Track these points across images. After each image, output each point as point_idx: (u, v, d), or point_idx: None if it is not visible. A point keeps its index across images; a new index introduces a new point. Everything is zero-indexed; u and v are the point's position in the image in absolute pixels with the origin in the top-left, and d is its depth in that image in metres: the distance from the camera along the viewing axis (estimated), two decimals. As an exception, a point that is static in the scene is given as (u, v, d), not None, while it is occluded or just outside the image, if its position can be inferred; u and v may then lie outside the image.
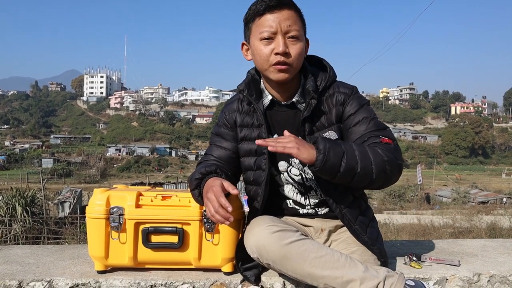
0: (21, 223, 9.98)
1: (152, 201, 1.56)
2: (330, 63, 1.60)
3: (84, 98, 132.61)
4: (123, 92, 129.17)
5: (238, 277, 1.57)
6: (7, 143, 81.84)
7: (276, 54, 1.43)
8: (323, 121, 1.54)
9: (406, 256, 1.77)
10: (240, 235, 1.60)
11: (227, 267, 1.59)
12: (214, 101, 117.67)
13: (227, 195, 1.42)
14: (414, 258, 1.74)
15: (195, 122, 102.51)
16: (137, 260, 1.56)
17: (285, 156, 1.58)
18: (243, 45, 1.57)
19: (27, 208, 10.30)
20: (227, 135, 1.63)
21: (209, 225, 1.55)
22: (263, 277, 1.57)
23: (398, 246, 2.04)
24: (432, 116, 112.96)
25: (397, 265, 1.73)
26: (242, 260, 1.53)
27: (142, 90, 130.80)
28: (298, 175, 1.60)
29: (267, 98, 1.57)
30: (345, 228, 1.61)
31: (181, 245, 1.54)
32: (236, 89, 1.61)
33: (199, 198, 1.47)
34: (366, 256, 1.47)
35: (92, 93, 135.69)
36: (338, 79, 1.60)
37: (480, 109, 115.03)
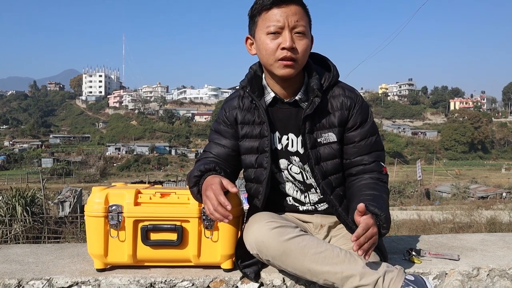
0: (21, 223, 9.98)
1: (150, 198, 1.56)
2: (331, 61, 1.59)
3: (83, 98, 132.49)
4: (122, 91, 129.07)
5: (237, 274, 1.57)
6: (6, 143, 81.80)
7: (283, 49, 1.41)
8: (324, 121, 1.53)
9: (405, 251, 1.77)
10: (239, 232, 1.60)
11: (227, 264, 1.59)
12: (213, 99, 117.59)
13: (226, 193, 1.42)
14: (413, 253, 1.74)
15: (194, 120, 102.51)
16: (137, 258, 1.56)
17: (286, 154, 1.58)
18: (247, 39, 1.54)
19: (27, 208, 10.29)
20: (226, 132, 1.62)
21: (208, 222, 1.54)
22: (263, 273, 1.57)
23: (398, 242, 2.04)
24: (431, 112, 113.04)
25: (397, 260, 1.73)
26: (242, 257, 1.53)
27: (141, 89, 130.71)
28: (299, 173, 1.59)
29: (270, 95, 1.55)
30: (344, 223, 1.61)
31: (180, 242, 1.54)
32: (239, 86, 1.60)
33: (198, 195, 1.47)
34: (365, 251, 1.47)
35: (91, 92, 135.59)
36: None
37: (479, 104, 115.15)
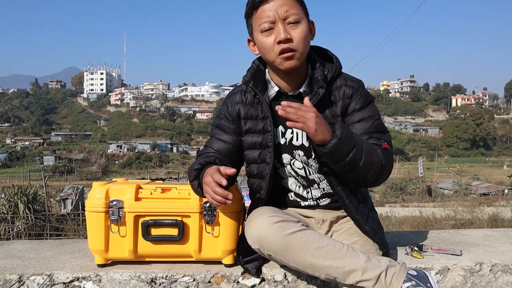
0: (23, 220, 9.99)
1: (151, 194, 1.56)
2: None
3: (85, 95, 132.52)
4: (123, 88, 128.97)
5: (239, 269, 1.56)
6: (8, 141, 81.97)
7: (279, 42, 1.41)
8: (327, 112, 1.52)
9: (407, 246, 1.76)
10: (240, 228, 1.60)
11: (228, 259, 1.58)
12: (215, 96, 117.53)
13: (226, 187, 1.41)
14: (415, 248, 1.73)
15: (195, 118, 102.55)
16: (137, 253, 1.55)
17: (289, 148, 1.57)
18: (249, 41, 1.55)
19: (29, 205, 10.30)
20: (228, 128, 1.61)
21: (209, 217, 1.54)
22: (264, 269, 1.56)
23: (400, 237, 2.03)
24: (433, 109, 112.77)
25: (399, 255, 1.72)
26: (243, 252, 1.52)
27: (142, 86, 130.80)
28: (301, 168, 1.58)
29: (273, 89, 1.55)
30: (346, 218, 1.61)
31: (181, 237, 1.53)
32: (242, 80, 1.59)
33: (198, 189, 1.46)
34: (367, 246, 1.46)
35: (92, 90, 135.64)
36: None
37: (481, 100, 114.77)
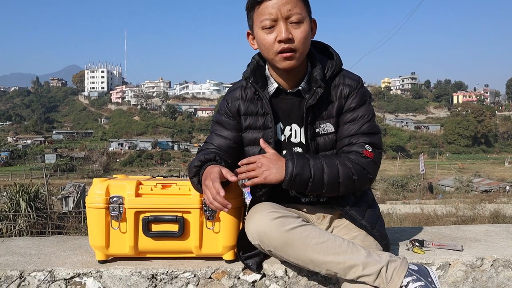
0: (25, 218, 10.01)
1: (152, 190, 1.55)
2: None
3: (86, 93, 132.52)
4: (124, 86, 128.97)
5: (239, 265, 1.56)
6: (9, 139, 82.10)
7: (280, 42, 1.39)
8: (324, 112, 1.51)
9: (408, 242, 1.76)
10: (241, 223, 1.60)
11: (229, 255, 1.58)
12: (216, 94, 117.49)
13: (227, 183, 1.41)
14: (416, 244, 1.73)
15: (196, 116, 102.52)
16: (138, 249, 1.55)
17: (289, 145, 1.56)
18: (248, 34, 1.53)
19: (31, 203, 10.31)
20: (228, 124, 1.60)
21: (209, 213, 1.54)
22: (265, 264, 1.56)
23: (401, 233, 2.03)
24: (434, 106, 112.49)
25: (400, 251, 1.72)
26: (244, 248, 1.52)
27: (143, 84, 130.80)
28: None
29: (273, 86, 1.54)
30: (346, 214, 1.60)
31: (182, 233, 1.53)
32: (242, 76, 1.58)
33: (198, 185, 1.46)
34: (368, 241, 1.46)
35: (93, 88, 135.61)
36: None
37: (482, 97, 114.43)
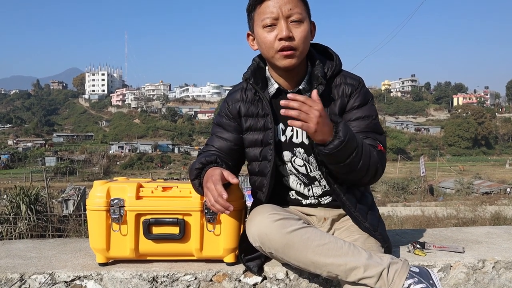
0: (25, 221, 10.00)
1: (152, 192, 1.55)
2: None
3: (86, 96, 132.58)
4: (124, 89, 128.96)
5: (240, 268, 1.56)
6: (10, 142, 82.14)
7: (280, 39, 1.40)
8: (326, 110, 1.51)
9: (409, 244, 1.76)
10: (242, 226, 1.59)
11: (230, 258, 1.58)
12: (216, 97, 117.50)
13: (228, 185, 1.41)
14: (418, 246, 1.72)
15: (197, 118, 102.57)
16: (139, 252, 1.55)
17: (290, 145, 1.56)
18: (248, 35, 1.54)
19: (31, 206, 10.31)
20: (229, 126, 1.60)
21: (210, 215, 1.53)
22: (266, 267, 1.56)
23: (402, 235, 2.03)
24: (434, 108, 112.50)
25: (401, 253, 1.71)
26: (245, 250, 1.51)
27: (144, 87, 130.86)
28: (302, 166, 1.57)
29: (273, 87, 1.54)
30: (347, 216, 1.60)
31: (183, 236, 1.53)
32: (242, 77, 1.58)
33: (199, 188, 1.46)
34: (369, 243, 1.46)
35: (93, 91, 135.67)
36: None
37: (482, 99, 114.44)
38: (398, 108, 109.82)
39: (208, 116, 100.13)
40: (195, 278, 1.53)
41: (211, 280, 1.53)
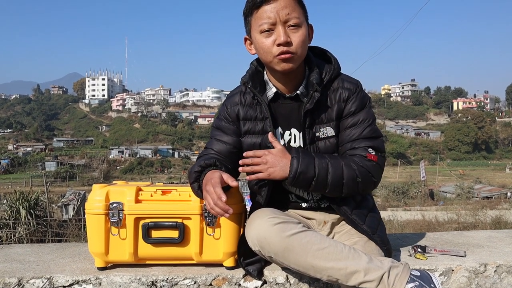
0: (25, 226, 9.98)
1: (152, 196, 1.54)
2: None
3: (86, 101, 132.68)
4: (124, 94, 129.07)
5: (240, 272, 1.55)
6: (10, 147, 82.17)
7: (278, 45, 1.40)
8: (323, 116, 1.51)
9: (410, 247, 1.74)
10: (241, 230, 1.58)
11: (229, 262, 1.57)
12: (216, 101, 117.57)
13: (227, 188, 1.40)
14: (419, 250, 1.71)
15: (197, 123, 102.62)
16: (138, 256, 1.54)
17: (288, 150, 1.55)
18: (245, 39, 1.54)
19: (31, 211, 10.28)
20: (228, 129, 1.60)
21: (210, 219, 1.52)
22: (266, 271, 1.55)
23: (403, 239, 2.01)
24: (434, 112, 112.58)
25: (402, 257, 1.70)
26: (244, 254, 1.50)
27: (144, 92, 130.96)
28: None
29: (271, 91, 1.54)
30: (347, 220, 1.59)
31: (182, 240, 1.52)
32: (240, 81, 1.59)
33: (198, 191, 1.45)
34: (369, 247, 1.45)
35: (94, 95, 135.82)
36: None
37: (482, 104, 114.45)
38: (398, 113, 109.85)
39: (208, 121, 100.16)
40: (195, 282, 1.51)
41: (210, 284, 1.52)
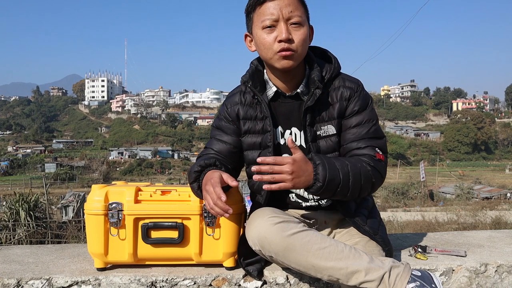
0: (24, 227, 9.98)
1: (151, 196, 1.54)
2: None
3: (86, 103, 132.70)
4: (124, 95, 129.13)
5: (240, 272, 1.54)
6: (9, 149, 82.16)
7: (280, 41, 1.40)
8: (324, 114, 1.51)
9: (411, 247, 1.74)
10: (241, 230, 1.58)
11: (229, 262, 1.56)
12: (216, 102, 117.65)
13: (227, 188, 1.40)
14: (419, 250, 1.71)
15: (196, 124, 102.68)
16: (137, 256, 1.53)
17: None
18: (246, 36, 1.53)
19: (31, 212, 10.29)
20: (228, 128, 1.60)
21: (209, 219, 1.52)
22: (266, 271, 1.54)
23: (403, 239, 2.01)
24: (434, 113, 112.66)
25: (402, 257, 1.70)
26: (244, 254, 1.50)
27: (143, 93, 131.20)
28: None
29: (272, 90, 1.54)
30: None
31: (182, 240, 1.51)
32: (240, 81, 1.58)
33: (198, 191, 1.44)
34: (370, 247, 1.44)
35: (93, 97, 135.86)
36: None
37: (482, 104, 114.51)
38: (397, 114, 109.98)
39: (207, 122, 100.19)
40: (194, 283, 1.51)
41: (210, 284, 1.51)
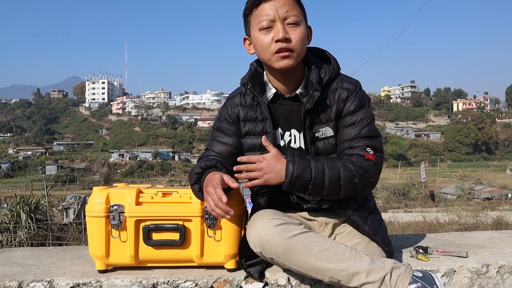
0: (25, 229, 9.98)
1: (152, 198, 1.54)
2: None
3: (86, 105, 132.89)
4: (124, 97, 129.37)
5: (241, 274, 1.54)
6: (10, 151, 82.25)
7: (277, 41, 1.40)
8: (323, 116, 1.51)
9: (412, 248, 1.74)
10: (242, 231, 1.58)
11: (230, 264, 1.56)
12: (216, 104, 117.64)
13: (228, 190, 1.40)
14: (420, 251, 1.70)
15: (197, 126, 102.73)
16: (139, 258, 1.53)
17: (288, 150, 1.55)
18: (245, 39, 1.54)
19: (32, 214, 10.28)
20: (228, 130, 1.60)
21: (210, 221, 1.52)
22: (267, 273, 1.54)
23: (404, 240, 2.01)
24: (434, 114, 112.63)
25: (404, 258, 1.70)
26: (246, 256, 1.50)
27: (144, 95, 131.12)
28: None
29: (271, 91, 1.54)
30: (349, 221, 1.58)
31: (183, 242, 1.51)
32: (240, 82, 1.59)
33: (199, 193, 1.45)
34: (371, 248, 1.44)
35: (94, 99, 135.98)
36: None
37: (482, 105, 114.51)
38: (398, 114, 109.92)
39: (208, 124, 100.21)
40: (196, 285, 1.51)
41: (212, 286, 1.51)
